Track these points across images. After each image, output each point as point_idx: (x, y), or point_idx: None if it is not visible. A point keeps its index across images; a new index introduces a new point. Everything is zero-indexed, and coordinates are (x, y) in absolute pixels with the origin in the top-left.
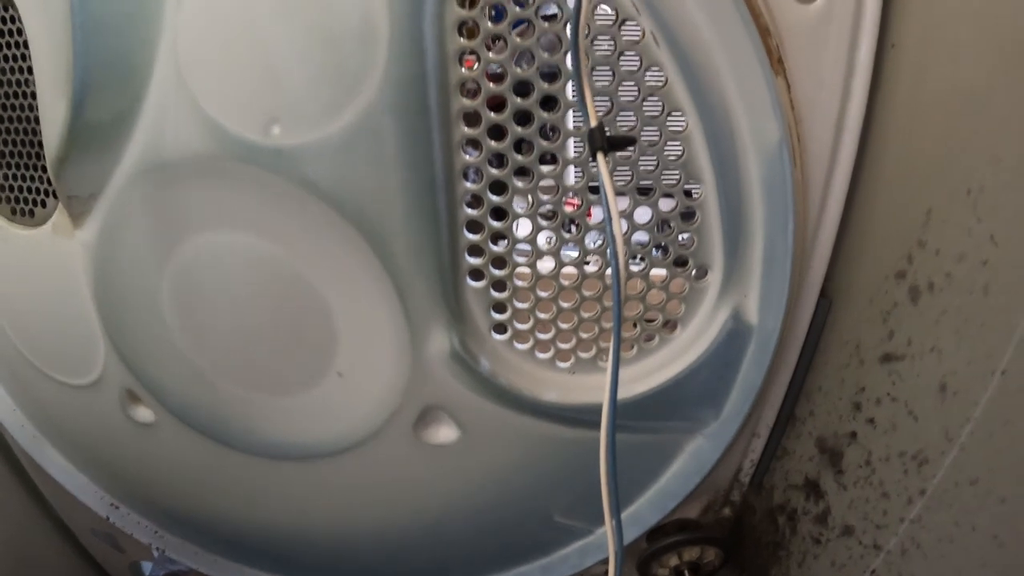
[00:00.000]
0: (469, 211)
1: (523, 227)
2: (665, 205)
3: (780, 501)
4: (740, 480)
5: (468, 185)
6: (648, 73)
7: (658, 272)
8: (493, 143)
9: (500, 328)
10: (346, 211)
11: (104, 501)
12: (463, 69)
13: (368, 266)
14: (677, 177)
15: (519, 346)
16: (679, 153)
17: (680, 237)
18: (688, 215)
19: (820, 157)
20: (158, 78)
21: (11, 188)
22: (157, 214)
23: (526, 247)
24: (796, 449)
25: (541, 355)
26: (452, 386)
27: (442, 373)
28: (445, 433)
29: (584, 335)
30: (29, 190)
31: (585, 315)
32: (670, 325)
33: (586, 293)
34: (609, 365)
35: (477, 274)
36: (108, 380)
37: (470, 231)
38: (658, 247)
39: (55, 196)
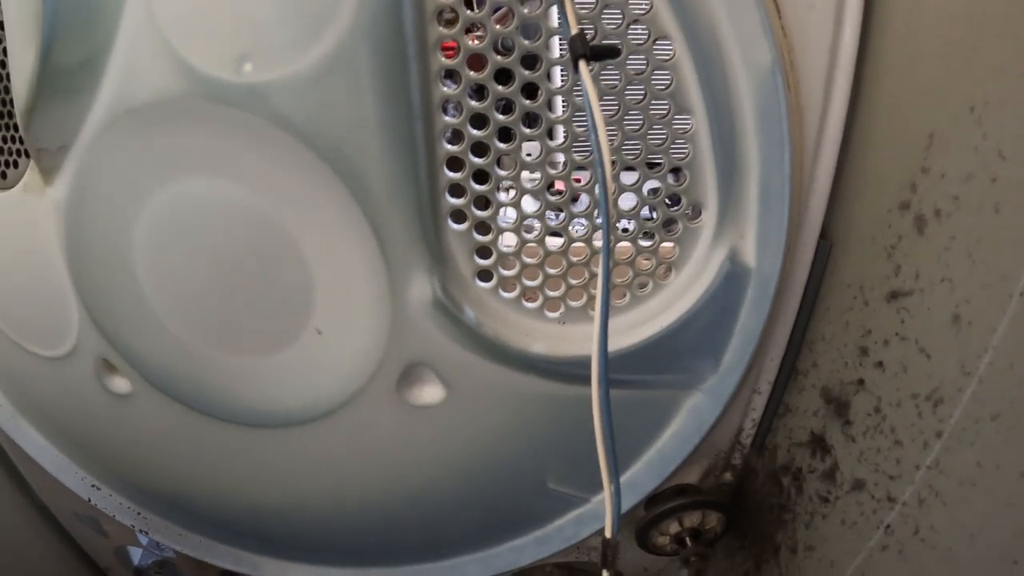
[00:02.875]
0: (449, 147)
1: (506, 165)
2: (655, 140)
3: (784, 461)
4: (741, 442)
5: (447, 119)
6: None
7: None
8: (472, 73)
9: (485, 275)
10: (321, 148)
11: (85, 482)
12: None
13: (344, 207)
14: (666, 108)
15: (505, 294)
16: (668, 82)
17: (670, 173)
18: (680, 150)
19: (815, 84)
20: (128, 19)
21: None
22: (128, 164)
23: (510, 185)
24: (799, 404)
25: (528, 304)
26: (436, 338)
27: (425, 323)
28: (430, 392)
29: (573, 281)
30: (0, 151)
31: (574, 259)
32: (663, 269)
33: (574, 235)
34: (597, 310)
35: (459, 215)
36: (82, 349)
37: (450, 169)
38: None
39: (27, 155)
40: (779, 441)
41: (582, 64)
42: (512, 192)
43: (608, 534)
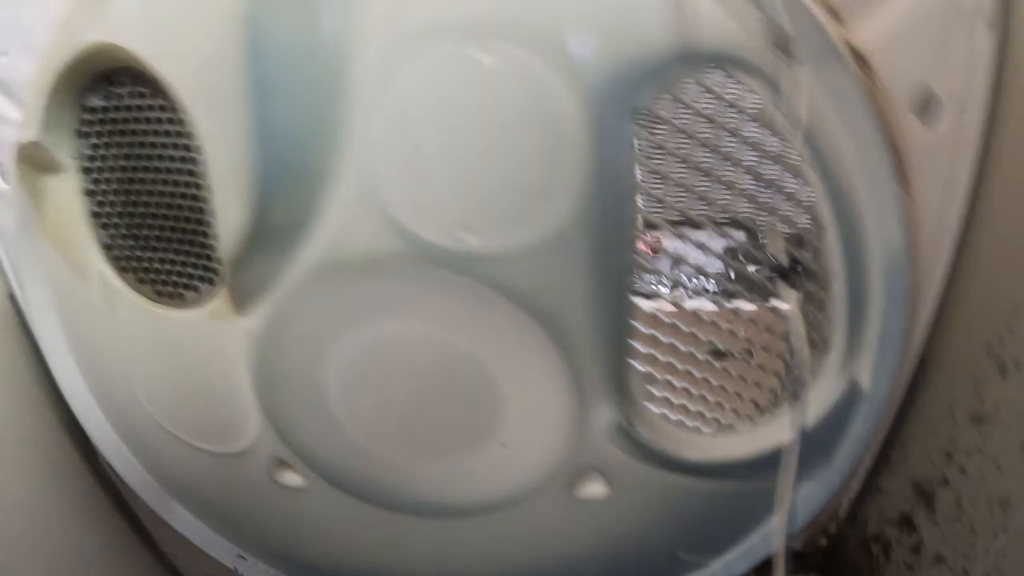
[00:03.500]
0: (644, 303)
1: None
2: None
3: (874, 532)
4: (838, 515)
5: (649, 287)
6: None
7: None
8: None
9: (657, 400)
10: (530, 308)
11: (231, 552)
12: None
13: (545, 352)
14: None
15: (671, 415)
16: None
17: (814, 322)
18: (820, 304)
19: (930, 258)
20: (343, 184)
21: (157, 271)
22: (330, 306)
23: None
24: (891, 488)
25: (689, 422)
26: (610, 452)
27: (602, 442)
28: (594, 489)
29: (726, 405)
30: (179, 274)
31: (728, 389)
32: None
33: (731, 372)
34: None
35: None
36: (258, 449)
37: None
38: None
39: (210, 283)
40: (870, 514)
41: (790, 293)
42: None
43: None
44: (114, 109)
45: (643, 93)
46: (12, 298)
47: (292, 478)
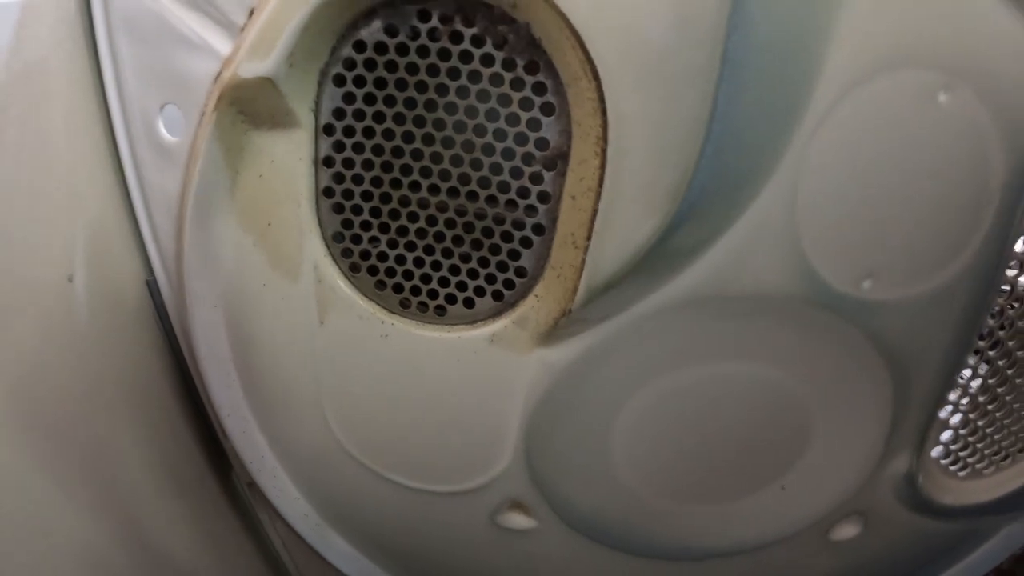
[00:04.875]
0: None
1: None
2: None
3: None
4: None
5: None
6: None
7: None
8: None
9: (936, 446)
10: (892, 356)
11: None
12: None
13: (879, 400)
14: None
15: (943, 461)
16: None
17: None
18: None
19: None
20: (763, 204)
21: (409, 276)
22: (674, 342)
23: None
24: None
25: (952, 467)
26: (886, 497)
27: (885, 490)
28: (847, 531)
29: (985, 450)
30: (445, 282)
31: (992, 434)
32: None
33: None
34: None
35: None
36: (493, 489)
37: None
38: None
39: (496, 298)
40: None
41: None
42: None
43: None
44: (400, 50)
45: None
46: (151, 285)
47: (520, 520)
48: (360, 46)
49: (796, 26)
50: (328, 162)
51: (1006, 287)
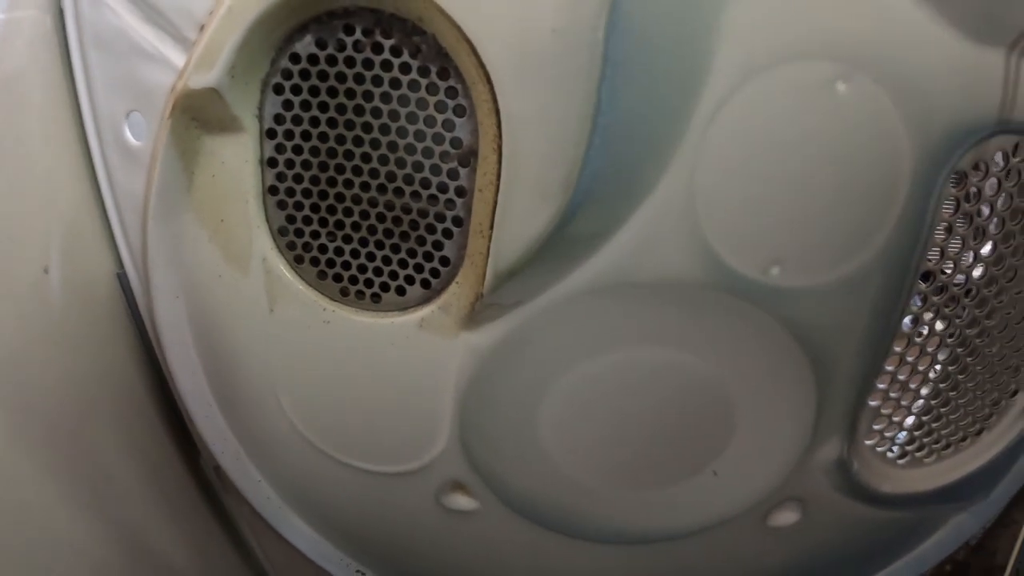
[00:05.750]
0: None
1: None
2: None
3: (1002, 563)
4: (968, 543)
5: (905, 329)
6: None
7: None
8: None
9: (872, 434)
10: (804, 340)
11: (350, 567)
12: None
13: (800, 385)
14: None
15: (879, 448)
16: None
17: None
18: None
19: None
20: (661, 194)
21: (347, 266)
22: (590, 328)
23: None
24: None
25: (890, 454)
26: (818, 483)
27: (816, 475)
28: (787, 517)
29: (925, 439)
30: (379, 272)
31: (931, 423)
32: (983, 432)
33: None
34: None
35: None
36: (434, 470)
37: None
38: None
39: (424, 286)
40: (1000, 545)
41: None
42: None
43: None
44: (329, 61)
45: (965, 157)
46: (121, 278)
47: (463, 501)
48: (295, 58)
49: (677, 26)
50: (271, 163)
51: (947, 273)
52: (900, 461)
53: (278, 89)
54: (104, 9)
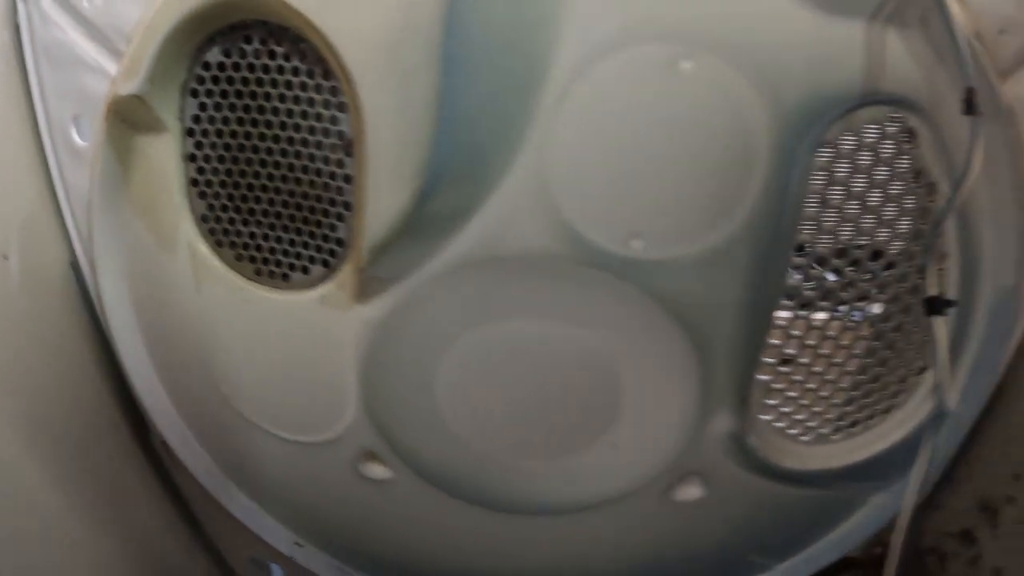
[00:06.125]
0: (782, 315)
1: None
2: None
3: (931, 544)
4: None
5: (786, 301)
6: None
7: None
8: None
9: (769, 410)
10: (678, 314)
11: (288, 539)
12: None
13: (683, 359)
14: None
15: (777, 424)
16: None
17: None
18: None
19: None
20: (514, 175)
21: (260, 249)
22: (468, 300)
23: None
24: (952, 504)
25: (791, 431)
26: (717, 458)
27: (712, 448)
28: (691, 492)
29: (826, 416)
30: (287, 253)
31: (835, 401)
32: (892, 409)
33: (841, 384)
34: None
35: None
36: (347, 440)
37: (774, 337)
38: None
39: (324, 265)
40: (928, 527)
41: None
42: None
43: None
44: (234, 67)
45: (829, 127)
46: (75, 266)
47: (378, 471)
48: (207, 66)
49: (513, 26)
50: (192, 158)
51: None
52: (804, 438)
53: (194, 93)
54: (53, 26)
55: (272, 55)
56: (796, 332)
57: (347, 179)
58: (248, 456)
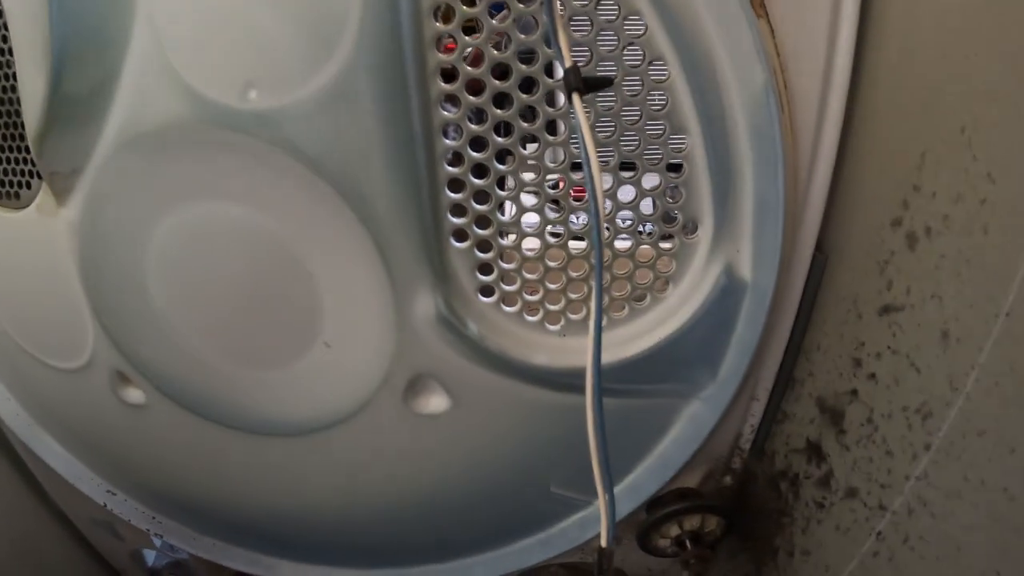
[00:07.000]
0: (450, 169)
1: (506, 184)
2: (651, 160)
3: (782, 467)
4: (740, 447)
5: (448, 142)
6: (627, 21)
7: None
8: (472, 98)
9: (487, 290)
10: (325, 172)
11: (101, 488)
12: (438, 24)
13: (350, 228)
14: (662, 128)
15: (507, 308)
16: (663, 103)
17: (667, 191)
18: (674, 167)
19: (808, 103)
20: (135, 48)
21: None
22: (138, 187)
23: (510, 205)
24: (796, 412)
25: (530, 317)
26: (440, 351)
27: (429, 337)
28: (436, 402)
29: (573, 295)
30: (14, 172)
31: (573, 274)
32: (661, 283)
33: (573, 251)
34: (592, 320)
35: (461, 234)
36: (98, 362)
37: (452, 190)
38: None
39: (39, 176)
40: (777, 447)
41: (575, 97)
42: (513, 210)
43: (603, 543)
44: None
45: None
46: None
47: (134, 394)
48: None
49: None
50: None
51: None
52: (552, 327)
53: None
54: None
55: None
56: (479, 181)
57: None
58: (39, 391)
